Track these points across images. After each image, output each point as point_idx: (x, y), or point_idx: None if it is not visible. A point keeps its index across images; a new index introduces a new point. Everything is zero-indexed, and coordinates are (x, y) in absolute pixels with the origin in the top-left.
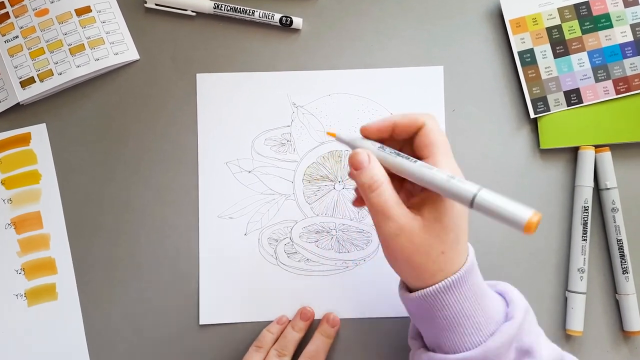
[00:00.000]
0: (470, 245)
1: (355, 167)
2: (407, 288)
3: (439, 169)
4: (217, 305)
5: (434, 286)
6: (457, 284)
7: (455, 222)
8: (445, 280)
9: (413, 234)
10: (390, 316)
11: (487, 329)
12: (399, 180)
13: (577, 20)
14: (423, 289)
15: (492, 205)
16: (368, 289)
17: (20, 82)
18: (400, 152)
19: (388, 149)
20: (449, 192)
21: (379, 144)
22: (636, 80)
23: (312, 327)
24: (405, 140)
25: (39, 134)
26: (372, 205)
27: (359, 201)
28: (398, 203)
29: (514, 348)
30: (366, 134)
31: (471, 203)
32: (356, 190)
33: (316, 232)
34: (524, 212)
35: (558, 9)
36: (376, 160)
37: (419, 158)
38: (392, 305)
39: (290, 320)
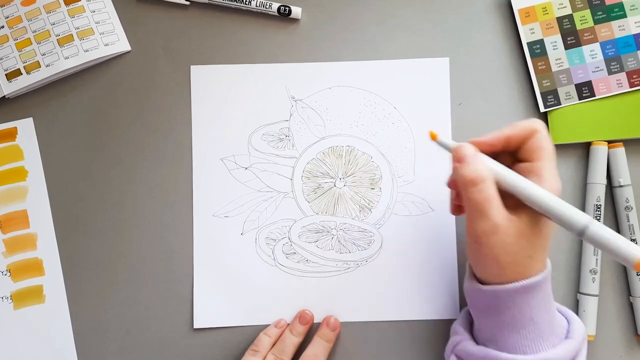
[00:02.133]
0: (547, 258)
1: (458, 160)
2: (476, 278)
3: (548, 192)
4: (212, 308)
5: (513, 284)
6: (535, 288)
7: (545, 230)
8: (525, 281)
9: (507, 235)
10: (393, 320)
11: (549, 339)
12: None
13: (589, 10)
14: (499, 284)
15: (603, 239)
16: (370, 291)
17: (5, 75)
18: (507, 168)
19: (500, 165)
20: (558, 218)
21: (490, 158)
22: None
23: (312, 330)
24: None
25: (25, 128)
26: (471, 200)
27: (456, 208)
28: (498, 202)
29: None
30: (478, 146)
31: (581, 233)
32: (453, 186)
33: (316, 232)
34: (636, 251)
35: None
36: (482, 156)
37: (525, 161)
38: (395, 308)
39: (288, 324)
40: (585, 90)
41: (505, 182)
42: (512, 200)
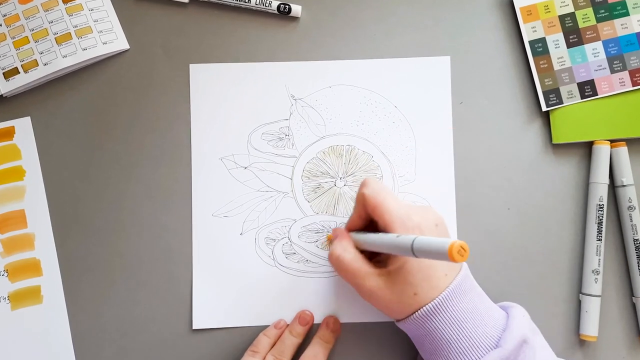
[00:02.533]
0: (464, 267)
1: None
2: None
3: (385, 234)
4: (211, 308)
5: (411, 316)
6: (434, 312)
7: (418, 265)
8: (420, 310)
9: (383, 289)
10: (392, 320)
11: (471, 355)
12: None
13: (591, 8)
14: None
15: (425, 244)
16: None
17: (3, 73)
18: (368, 232)
19: (361, 233)
20: (390, 248)
21: (354, 232)
22: None
23: (312, 331)
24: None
25: (23, 127)
26: (342, 275)
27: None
28: (362, 267)
29: None
30: (348, 230)
31: (412, 251)
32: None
33: (316, 232)
34: (445, 241)
35: None
36: (342, 238)
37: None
38: None
39: (288, 325)
40: (587, 89)
41: (362, 244)
42: (381, 257)
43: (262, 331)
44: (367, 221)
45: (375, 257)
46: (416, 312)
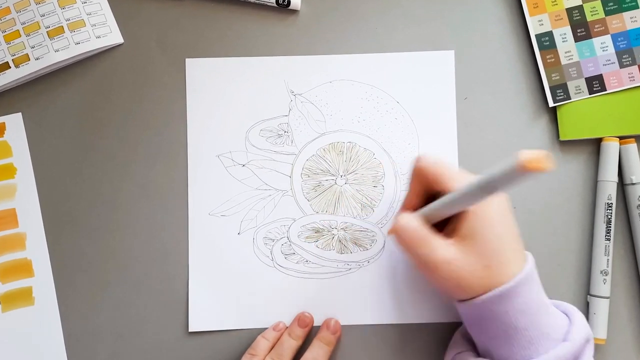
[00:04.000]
0: (530, 257)
1: (394, 234)
2: None
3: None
4: (208, 310)
5: (483, 296)
6: (508, 295)
7: (490, 233)
8: (495, 290)
9: (453, 261)
10: (396, 322)
11: (542, 344)
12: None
13: (599, 1)
14: (472, 299)
15: (495, 173)
16: (372, 293)
17: None
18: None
19: (423, 208)
20: (468, 195)
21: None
22: None
23: (311, 334)
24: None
25: (14, 124)
26: (408, 251)
27: None
28: (428, 236)
29: None
30: (406, 210)
31: (485, 187)
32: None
33: (316, 231)
34: (515, 157)
35: None
36: (405, 216)
37: (440, 194)
38: (399, 310)
39: (287, 327)
40: (595, 84)
41: (429, 215)
42: (449, 229)
43: (261, 334)
44: (425, 199)
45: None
46: (487, 294)
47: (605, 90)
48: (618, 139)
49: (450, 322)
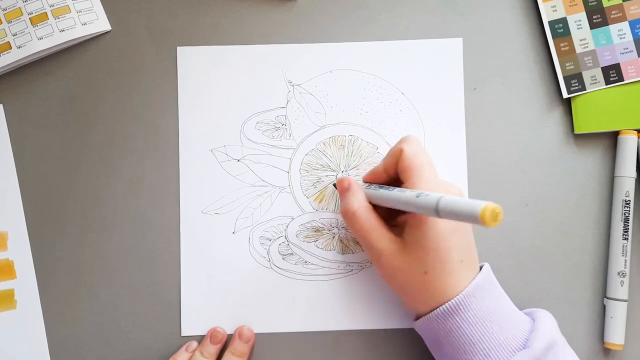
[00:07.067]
0: (485, 268)
1: (341, 192)
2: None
3: (410, 189)
4: (201, 313)
5: (433, 312)
6: (457, 309)
7: (436, 243)
8: (443, 306)
9: (393, 256)
10: (399, 327)
11: (497, 356)
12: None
13: None
14: (423, 316)
15: (453, 204)
16: (374, 297)
17: None
18: (383, 185)
19: (374, 185)
20: (417, 207)
21: (367, 184)
22: None
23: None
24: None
25: None
26: (353, 231)
27: None
28: (376, 227)
29: None
30: (364, 180)
31: (436, 209)
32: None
33: (316, 230)
34: (477, 203)
35: None
36: (356, 190)
37: (402, 184)
38: (401, 315)
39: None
40: (612, 73)
41: (380, 199)
42: (398, 221)
43: (172, 356)
44: (391, 179)
45: (390, 223)
46: (436, 310)
47: (623, 80)
48: (636, 132)
49: None
